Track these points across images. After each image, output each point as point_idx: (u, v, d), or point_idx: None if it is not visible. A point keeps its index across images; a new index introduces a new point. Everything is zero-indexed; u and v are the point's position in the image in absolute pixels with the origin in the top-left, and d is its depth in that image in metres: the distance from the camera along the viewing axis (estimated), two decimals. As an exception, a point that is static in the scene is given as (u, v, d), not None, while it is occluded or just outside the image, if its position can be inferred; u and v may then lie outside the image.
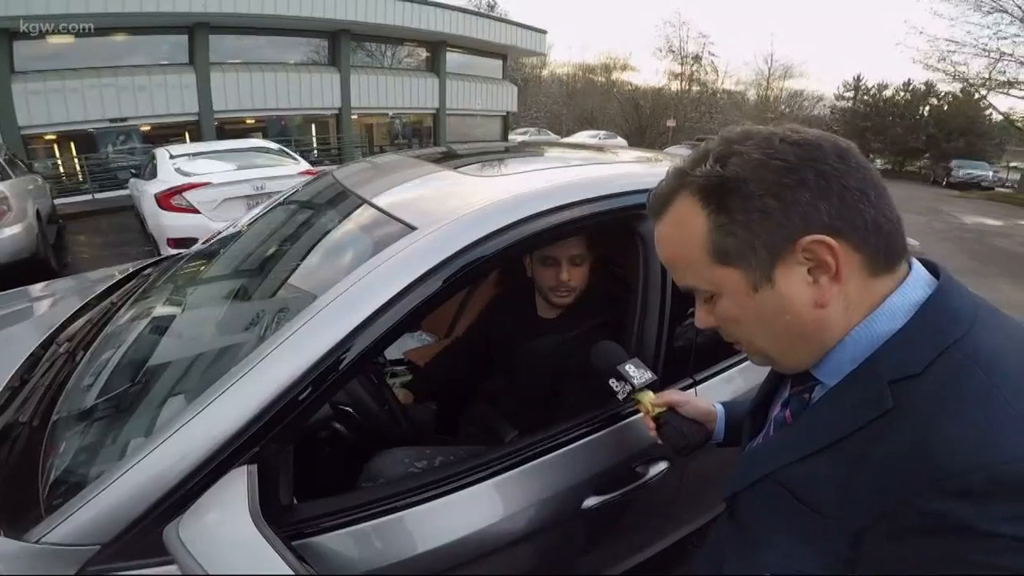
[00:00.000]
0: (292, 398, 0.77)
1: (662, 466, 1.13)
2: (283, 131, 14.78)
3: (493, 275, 1.88)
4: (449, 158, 1.72)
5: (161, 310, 1.38)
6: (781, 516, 0.57)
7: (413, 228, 0.95)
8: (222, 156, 5.39)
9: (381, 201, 1.18)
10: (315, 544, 0.82)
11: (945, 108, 26.85)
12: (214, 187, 4.65)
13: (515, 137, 23.33)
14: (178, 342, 1.17)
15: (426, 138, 19.30)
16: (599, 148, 1.98)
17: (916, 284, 0.52)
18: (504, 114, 21.68)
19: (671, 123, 27.92)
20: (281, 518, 0.77)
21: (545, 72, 37.04)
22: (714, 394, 1.20)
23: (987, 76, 20.67)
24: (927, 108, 27.47)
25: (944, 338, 0.48)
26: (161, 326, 1.27)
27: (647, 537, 1.37)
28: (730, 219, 0.51)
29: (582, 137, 24.42)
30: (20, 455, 0.93)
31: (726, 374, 1.30)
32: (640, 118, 31.75)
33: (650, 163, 1.55)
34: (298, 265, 1.26)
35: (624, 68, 36.54)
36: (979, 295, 0.52)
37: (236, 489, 0.70)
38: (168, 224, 4.53)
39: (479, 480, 0.96)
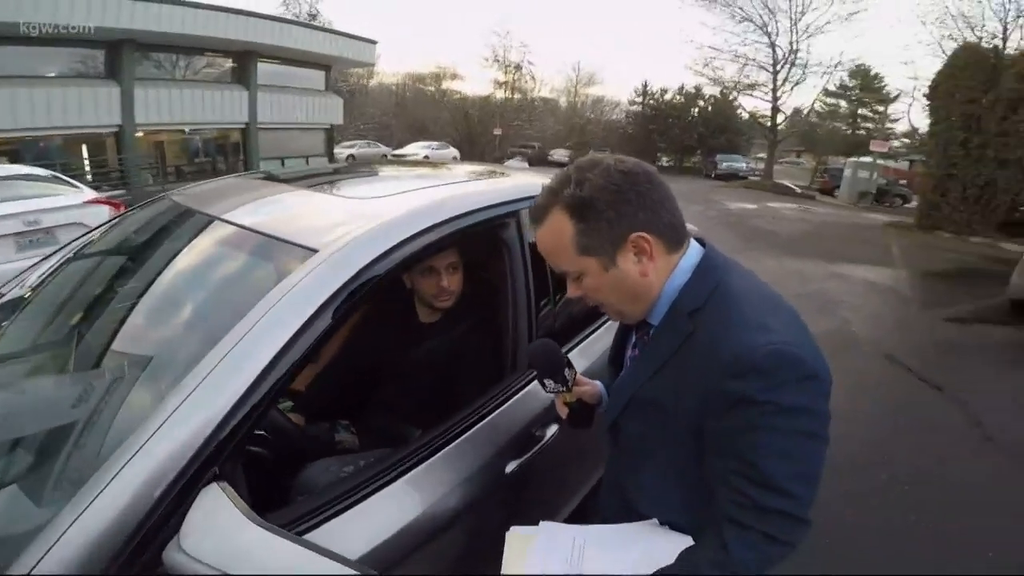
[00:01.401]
0: (243, 413, 0.80)
1: (554, 428, 1.34)
2: (42, 154, 12.14)
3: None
4: (306, 178, 1.73)
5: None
6: (649, 425, 0.82)
7: (314, 251, 0.99)
8: None
9: (263, 226, 1.17)
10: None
11: (709, 109, 32.10)
12: None
13: (341, 151, 22.39)
14: (83, 389, 1.03)
15: (233, 155, 17.57)
16: (433, 164, 2.14)
17: (693, 252, 0.81)
18: (328, 127, 20.66)
19: (498, 131, 29.35)
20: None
21: (373, 82, 35.97)
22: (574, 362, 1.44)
23: (737, 79, 25.78)
24: (697, 110, 32.44)
25: (712, 282, 0.78)
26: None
27: (563, 493, 1.58)
28: (587, 226, 0.76)
29: (415, 148, 24.36)
30: None
31: (580, 346, 1.59)
32: (470, 127, 32.56)
33: (497, 178, 1.78)
34: (178, 299, 1.19)
35: (453, 77, 36.83)
36: (732, 257, 0.85)
37: (220, 502, 0.72)
38: None
39: (414, 467, 1.05)
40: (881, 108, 30.47)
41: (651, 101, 33.16)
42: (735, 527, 0.72)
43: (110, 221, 1.72)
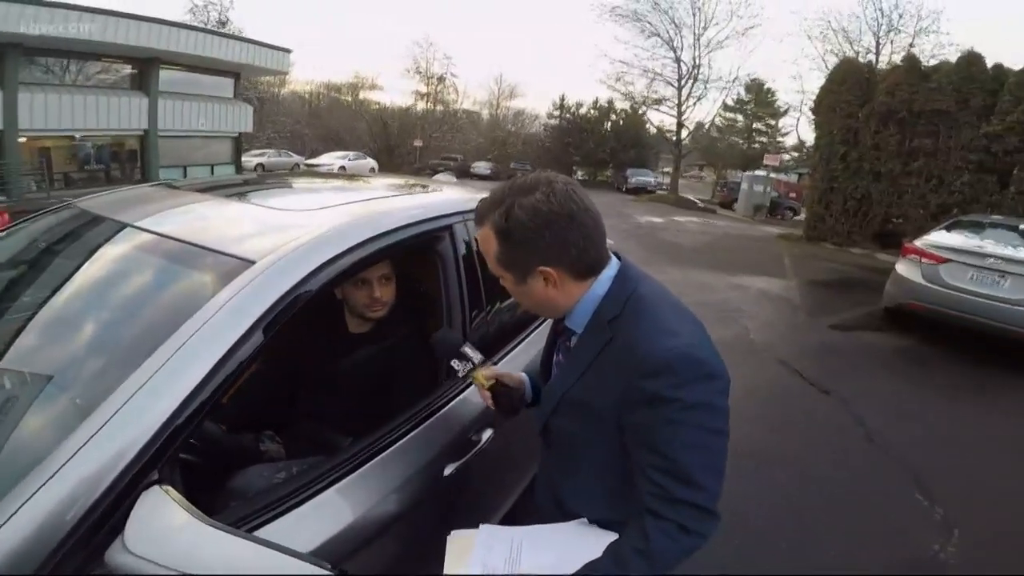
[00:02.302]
0: (189, 412, 0.80)
1: (489, 432, 1.39)
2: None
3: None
4: (218, 188, 1.69)
5: None
6: (578, 424, 0.92)
7: (252, 262, 0.99)
8: None
9: (194, 236, 1.14)
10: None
11: (621, 123, 33.17)
12: None
13: (250, 159, 21.24)
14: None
15: (128, 162, 16.22)
16: (350, 177, 2.10)
17: (611, 266, 0.91)
18: (236, 135, 19.51)
19: (418, 143, 29.07)
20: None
21: (286, 90, 34.56)
22: (506, 368, 1.46)
23: (646, 94, 26.64)
24: (609, 124, 33.46)
25: (627, 291, 0.88)
26: None
27: (499, 495, 1.64)
28: (505, 247, 0.86)
29: (330, 158, 23.56)
30: None
31: (511, 354, 1.67)
32: (388, 137, 32.14)
33: (430, 192, 1.84)
34: (101, 311, 1.13)
35: (372, 87, 36.28)
36: (642, 268, 0.97)
37: (163, 504, 0.71)
38: None
39: (350, 472, 1.06)
40: (773, 122, 32.54)
41: (568, 115, 33.92)
42: (653, 517, 0.79)
43: (5, 229, 1.58)
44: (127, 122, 15.51)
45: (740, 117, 33.97)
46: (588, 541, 0.88)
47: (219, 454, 1.19)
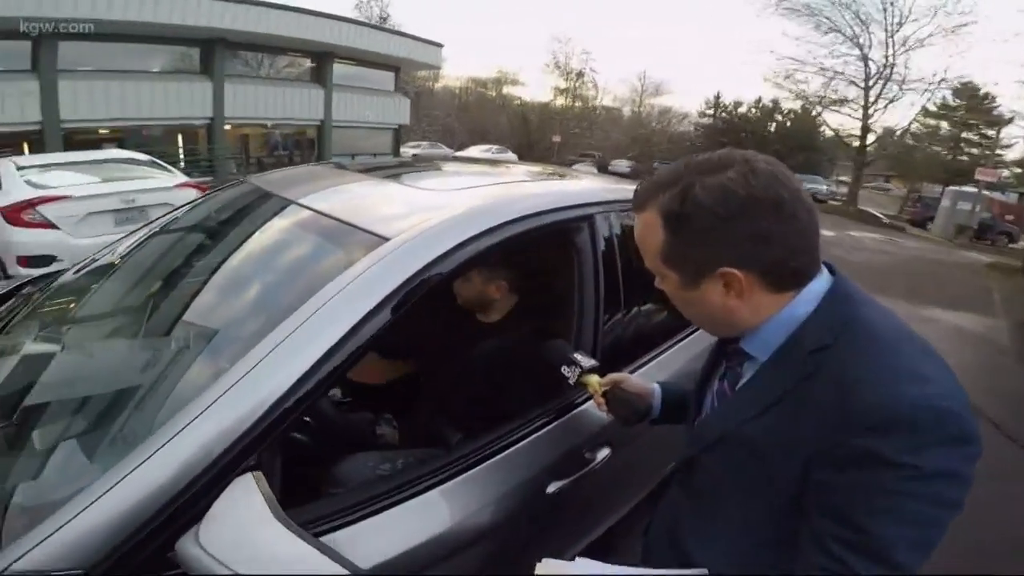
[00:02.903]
0: (287, 403, 0.78)
1: (606, 451, 1.26)
2: (145, 142, 13.30)
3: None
4: (378, 170, 1.74)
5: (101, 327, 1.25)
6: (738, 470, 0.71)
7: (386, 239, 0.98)
8: (81, 168, 4.77)
9: (339, 212, 1.17)
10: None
11: (788, 124, 30.45)
12: (75, 200, 4.12)
13: (406, 151, 23.02)
14: (149, 356, 1.07)
15: (308, 150, 18.46)
16: (495, 162, 2.14)
17: (821, 279, 0.68)
18: (395, 127, 21.33)
19: (556, 138, 29.24)
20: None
21: (438, 85, 36.88)
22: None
23: (823, 94, 23.67)
24: (774, 124, 30.97)
25: (846, 316, 0.65)
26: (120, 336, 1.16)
27: (600, 517, 1.50)
28: (675, 240, 0.67)
29: (476, 151, 24.70)
30: None
31: (653, 363, 1.49)
32: (528, 132, 32.72)
33: (568, 180, 1.72)
34: (248, 277, 1.21)
35: (514, 82, 37.31)
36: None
37: (249, 495, 0.69)
38: (18, 241, 3.93)
39: (452, 476, 1.01)
40: (990, 132, 26.66)
41: (723, 113, 32.19)
42: None
43: (194, 200, 1.80)
44: (307, 112, 17.68)
45: (945, 124, 28.38)
46: None
47: (332, 435, 1.20)
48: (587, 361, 1.06)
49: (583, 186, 1.60)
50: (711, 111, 32.83)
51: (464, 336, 1.47)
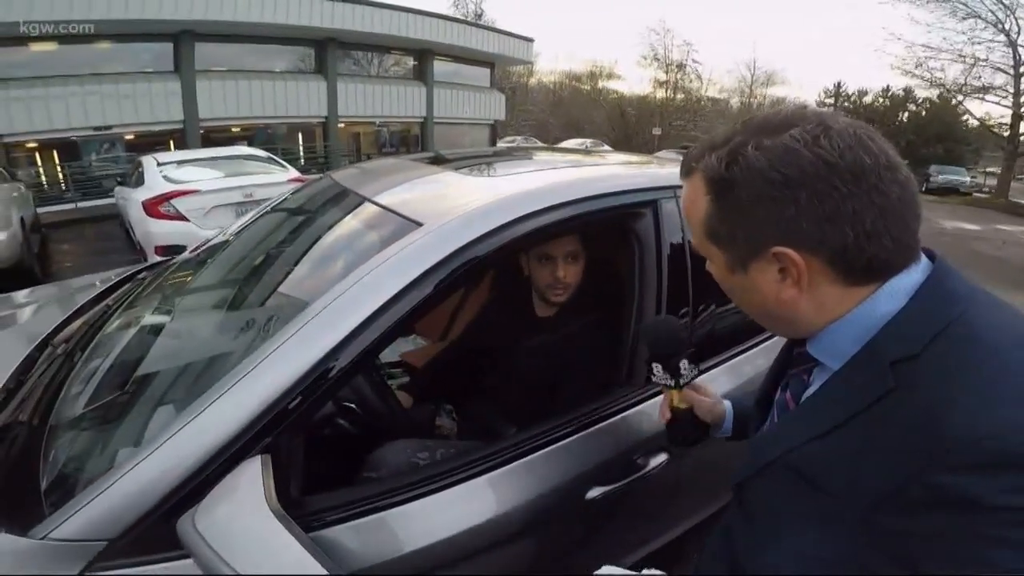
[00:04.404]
0: (306, 386, 0.78)
1: (662, 458, 1.14)
2: (269, 139, 14.73)
3: (488, 278, 1.90)
4: (443, 161, 1.74)
5: (156, 315, 1.37)
6: (791, 500, 0.58)
7: (419, 224, 0.97)
8: (210, 164, 5.35)
9: (383, 199, 1.19)
10: (320, 538, 0.81)
11: (923, 114, 27.37)
12: (202, 194, 4.61)
13: (503, 145, 23.42)
14: (182, 341, 1.17)
15: (413, 146, 19.30)
16: (587, 152, 2.06)
17: (916, 269, 0.54)
18: (492, 123, 21.76)
19: (657, 131, 28.21)
20: (289, 511, 0.78)
21: (532, 80, 37.09)
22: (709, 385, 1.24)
23: (963, 82, 21.01)
24: (906, 114, 27.94)
25: (941, 317, 0.50)
26: (162, 327, 1.26)
27: (649, 530, 1.39)
28: (721, 211, 0.56)
29: (569, 145, 24.64)
30: (20, 453, 0.93)
31: (723, 367, 1.34)
32: (627, 126, 31.98)
33: (640, 165, 1.59)
34: (298, 261, 1.27)
35: (610, 76, 36.80)
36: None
37: (251, 479, 0.70)
38: (156, 231, 4.46)
39: (484, 472, 0.97)
40: None
41: (846, 103, 29.33)
42: None
43: (280, 198, 1.94)
44: (411, 110, 18.56)
45: None
46: None
47: (382, 425, 1.20)
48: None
49: (648, 169, 1.48)
50: (832, 100, 30.02)
51: (518, 329, 1.43)
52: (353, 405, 1.13)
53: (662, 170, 1.41)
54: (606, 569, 0.74)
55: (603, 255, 1.42)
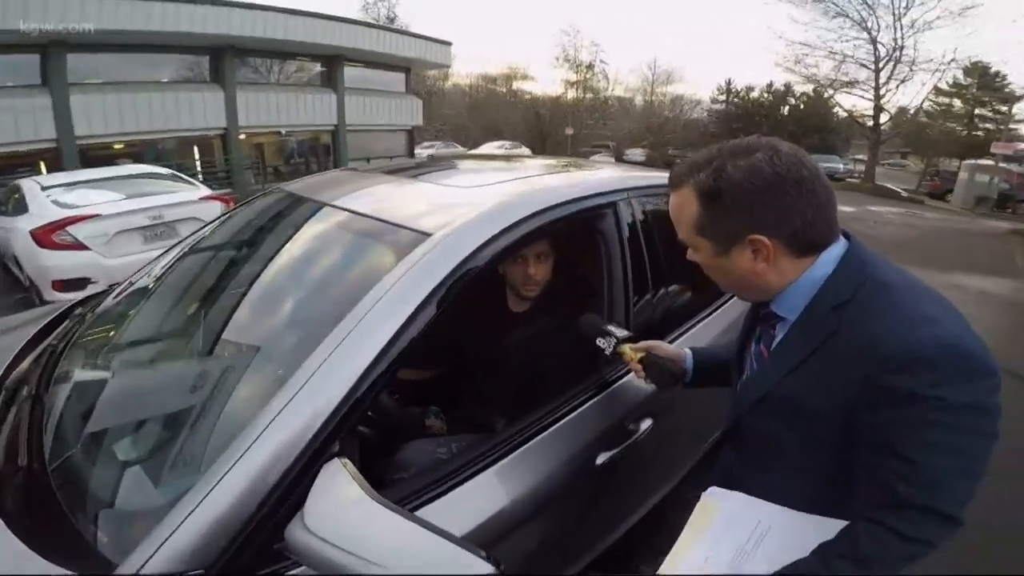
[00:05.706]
0: (363, 388, 0.83)
1: (648, 422, 1.31)
2: (160, 155, 13.42)
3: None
4: (404, 171, 1.78)
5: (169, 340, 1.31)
6: (783, 423, 0.79)
7: (428, 235, 1.02)
8: (105, 185, 4.70)
9: (380, 213, 1.21)
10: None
11: (801, 107, 30.51)
12: (104, 219, 4.05)
13: (421, 152, 23.11)
14: (224, 361, 1.12)
15: (323, 156, 18.52)
16: (507, 158, 2.17)
17: (838, 245, 0.77)
18: (409, 128, 21.38)
19: (569, 131, 29.18)
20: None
21: (448, 84, 36.96)
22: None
23: (833, 77, 23.74)
24: (787, 108, 30.96)
25: (861, 274, 0.74)
26: (193, 350, 1.22)
27: (648, 488, 1.57)
28: (709, 212, 0.77)
29: (490, 148, 24.81)
30: (32, 499, 0.89)
31: (682, 338, 1.57)
32: (541, 126, 32.71)
33: (591, 169, 1.75)
34: (302, 284, 1.26)
35: (524, 78, 37.39)
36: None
37: (344, 480, 0.74)
38: (52, 264, 3.90)
39: (506, 455, 1.06)
40: (1004, 108, 26.84)
41: (735, 99, 31.92)
42: (868, 523, 0.70)
43: (225, 214, 1.81)
44: (320, 118, 17.71)
45: (957, 102, 28.92)
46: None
47: (392, 427, 1.27)
48: (621, 331, 1.12)
49: (605, 174, 1.63)
50: (723, 97, 32.56)
51: (494, 326, 1.51)
52: (369, 412, 1.16)
53: (613, 174, 1.60)
54: (712, 491, 0.86)
55: (572, 252, 1.54)
